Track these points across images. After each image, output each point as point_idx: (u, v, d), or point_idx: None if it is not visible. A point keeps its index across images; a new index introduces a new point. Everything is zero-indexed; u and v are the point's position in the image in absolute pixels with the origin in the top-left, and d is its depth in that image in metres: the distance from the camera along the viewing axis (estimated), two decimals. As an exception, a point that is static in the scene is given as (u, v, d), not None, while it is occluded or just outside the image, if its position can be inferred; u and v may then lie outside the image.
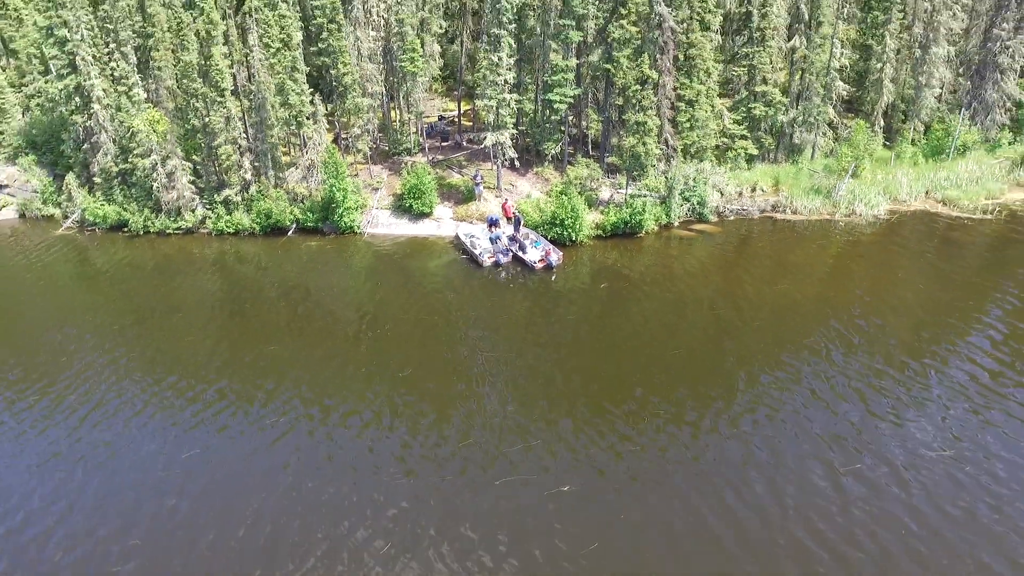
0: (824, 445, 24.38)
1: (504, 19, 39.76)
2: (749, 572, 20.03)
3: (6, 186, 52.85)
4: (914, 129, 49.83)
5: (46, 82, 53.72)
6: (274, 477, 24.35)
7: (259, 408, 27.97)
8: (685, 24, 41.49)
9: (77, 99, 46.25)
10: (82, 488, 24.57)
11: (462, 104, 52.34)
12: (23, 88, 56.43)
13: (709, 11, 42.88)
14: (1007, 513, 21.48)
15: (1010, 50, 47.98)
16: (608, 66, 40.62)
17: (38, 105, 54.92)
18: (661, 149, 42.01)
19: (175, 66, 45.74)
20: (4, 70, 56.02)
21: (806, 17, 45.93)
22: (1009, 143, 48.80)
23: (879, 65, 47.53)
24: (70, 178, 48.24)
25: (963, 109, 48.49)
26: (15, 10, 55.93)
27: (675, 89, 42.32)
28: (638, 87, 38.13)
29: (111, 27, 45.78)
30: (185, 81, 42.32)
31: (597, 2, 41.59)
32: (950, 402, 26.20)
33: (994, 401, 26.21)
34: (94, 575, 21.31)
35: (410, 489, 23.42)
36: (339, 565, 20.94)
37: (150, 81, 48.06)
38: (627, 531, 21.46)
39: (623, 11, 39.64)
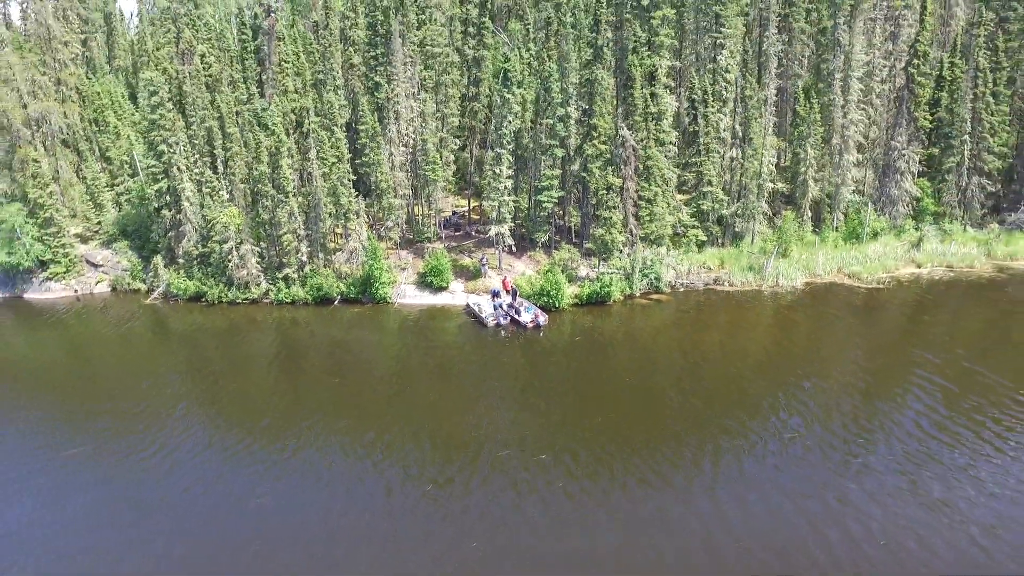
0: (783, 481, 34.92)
1: (504, 140, 52.52)
2: None
3: (101, 265, 65.07)
4: (835, 218, 61.92)
5: (134, 183, 67.06)
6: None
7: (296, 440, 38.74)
8: (643, 142, 54.10)
9: (168, 197, 59.07)
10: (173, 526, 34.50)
11: (471, 201, 64.92)
12: (115, 187, 69.41)
13: (663, 131, 55.61)
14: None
15: (905, 156, 60.53)
16: (584, 175, 53.08)
17: (127, 200, 67.73)
18: (626, 237, 53.94)
19: (248, 172, 58.36)
20: (102, 173, 69.00)
21: (740, 135, 58.65)
22: (914, 228, 60.64)
23: (804, 168, 60.05)
24: (157, 259, 60.38)
25: (871, 203, 60.65)
26: (115, 127, 69.50)
27: (637, 191, 54.57)
28: (605, 191, 50.41)
29: (197, 142, 58.97)
30: (259, 186, 54.93)
31: (575, 126, 54.43)
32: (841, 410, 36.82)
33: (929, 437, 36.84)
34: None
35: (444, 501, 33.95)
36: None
37: (226, 182, 60.73)
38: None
39: (595, 134, 52.39)
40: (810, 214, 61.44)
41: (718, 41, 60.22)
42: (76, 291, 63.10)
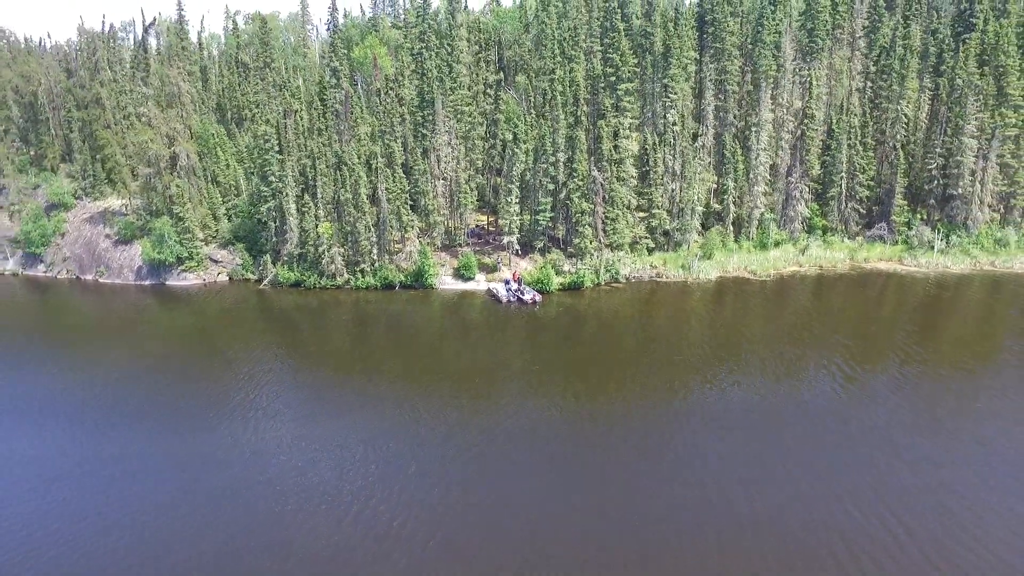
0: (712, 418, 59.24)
1: (513, 177, 77.26)
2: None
3: (220, 261, 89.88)
4: (750, 231, 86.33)
5: (239, 200, 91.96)
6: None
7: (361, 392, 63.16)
8: (608, 180, 78.67)
9: (275, 213, 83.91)
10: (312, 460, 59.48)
11: (489, 217, 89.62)
12: (225, 203, 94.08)
13: (625, 171, 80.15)
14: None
15: (799, 190, 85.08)
16: (568, 202, 77.82)
17: (235, 213, 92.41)
18: (596, 244, 78.56)
19: (334, 195, 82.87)
20: (216, 192, 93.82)
21: (678, 171, 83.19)
22: (804, 240, 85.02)
23: (727, 196, 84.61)
24: (267, 257, 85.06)
25: (773, 222, 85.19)
26: (226, 160, 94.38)
27: (604, 213, 79.11)
28: (581, 214, 75.16)
29: (295, 175, 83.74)
30: (343, 207, 79.63)
31: (562, 168, 79.14)
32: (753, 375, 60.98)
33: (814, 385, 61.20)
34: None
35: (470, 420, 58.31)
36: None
37: (318, 202, 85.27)
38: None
39: (575, 174, 77.12)
40: (732, 228, 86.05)
41: (666, 104, 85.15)
42: (203, 280, 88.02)
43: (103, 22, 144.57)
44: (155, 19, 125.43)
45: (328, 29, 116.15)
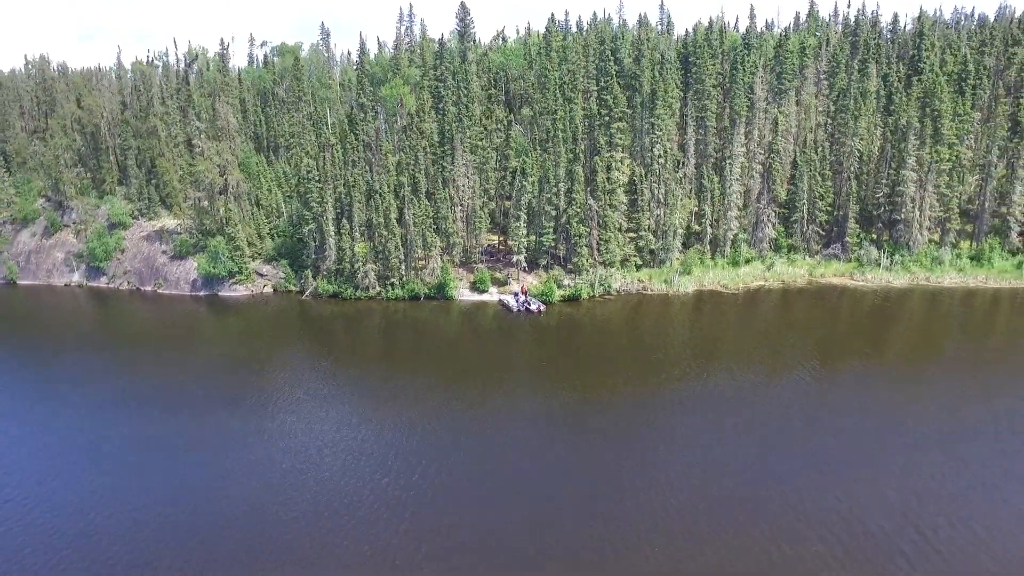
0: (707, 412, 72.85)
1: (521, 205, 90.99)
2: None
3: (266, 275, 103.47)
4: (725, 250, 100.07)
5: (281, 221, 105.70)
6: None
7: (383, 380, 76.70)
8: (602, 208, 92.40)
9: (316, 234, 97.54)
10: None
11: (500, 237, 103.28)
12: (268, 223, 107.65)
13: (617, 199, 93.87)
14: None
15: (767, 214, 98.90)
16: (567, 226, 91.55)
17: (278, 233, 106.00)
18: (592, 261, 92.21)
19: (367, 219, 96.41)
20: (260, 213, 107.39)
21: (662, 199, 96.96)
22: (770, 258, 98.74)
23: (705, 219, 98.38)
24: (308, 272, 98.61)
25: (745, 242, 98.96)
26: (268, 185, 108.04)
27: (598, 236, 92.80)
28: (579, 236, 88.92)
29: (333, 201, 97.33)
30: (378, 230, 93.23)
31: (563, 197, 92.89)
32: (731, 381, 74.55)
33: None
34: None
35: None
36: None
37: (353, 223, 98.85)
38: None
39: (574, 202, 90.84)
40: (709, 247, 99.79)
41: (653, 139, 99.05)
42: (251, 291, 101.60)
43: (148, 56, 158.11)
44: (196, 56, 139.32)
45: (356, 68, 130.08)
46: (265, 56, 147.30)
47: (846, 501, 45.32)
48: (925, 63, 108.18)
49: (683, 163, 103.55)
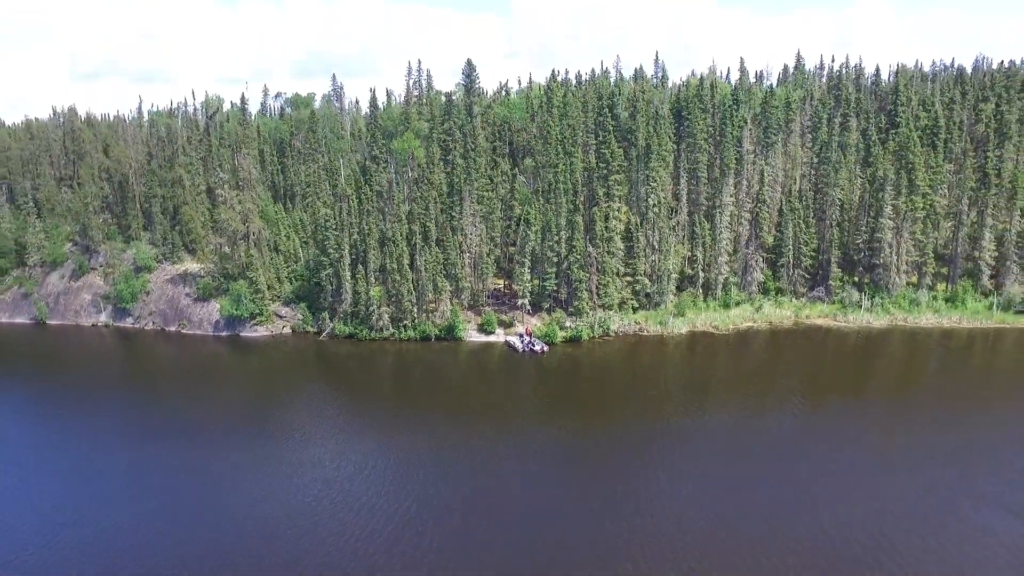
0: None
1: (526, 252, 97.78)
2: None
3: (285, 316, 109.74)
4: (716, 293, 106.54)
5: (298, 266, 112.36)
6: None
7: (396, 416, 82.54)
8: (600, 254, 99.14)
9: (332, 279, 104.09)
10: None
11: (505, 281, 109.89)
12: (286, 268, 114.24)
13: (615, 245, 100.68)
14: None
15: (755, 259, 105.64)
16: (568, 271, 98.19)
17: (296, 277, 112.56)
18: (591, 304, 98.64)
19: (381, 264, 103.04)
20: (279, 258, 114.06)
21: (656, 245, 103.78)
22: (760, 300, 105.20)
23: (697, 264, 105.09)
24: (325, 314, 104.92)
25: (735, 285, 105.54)
26: (286, 232, 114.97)
27: (597, 281, 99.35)
28: (579, 281, 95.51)
29: (348, 248, 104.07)
30: (391, 275, 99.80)
31: (564, 244, 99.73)
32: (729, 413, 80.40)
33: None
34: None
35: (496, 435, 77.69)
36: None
37: (368, 268, 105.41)
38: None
39: (574, 249, 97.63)
40: (701, 291, 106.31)
41: (647, 189, 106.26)
42: (271, 332, 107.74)
43: (170, 105, 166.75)
44: (217, 108, 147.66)
45: (368, 121, 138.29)
46: (281, 107, 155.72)
47: (821, 520, 51.08)
48: (901, 118, 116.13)
49: (676, 211, 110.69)
